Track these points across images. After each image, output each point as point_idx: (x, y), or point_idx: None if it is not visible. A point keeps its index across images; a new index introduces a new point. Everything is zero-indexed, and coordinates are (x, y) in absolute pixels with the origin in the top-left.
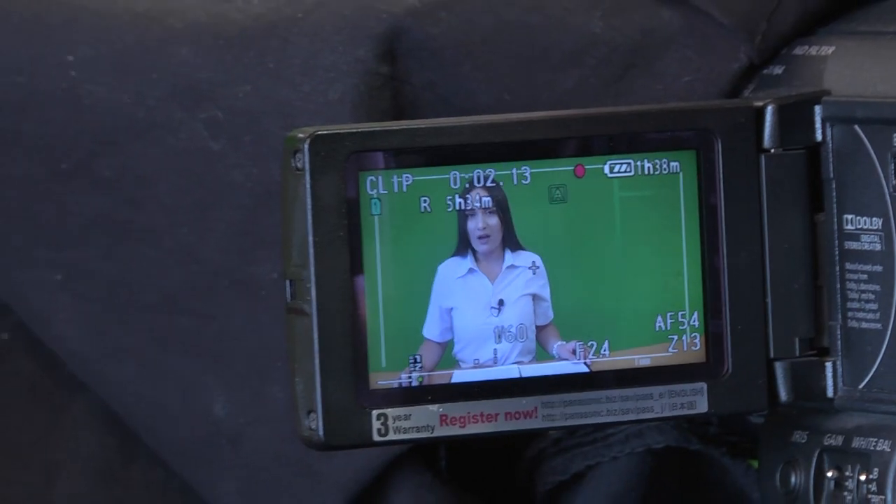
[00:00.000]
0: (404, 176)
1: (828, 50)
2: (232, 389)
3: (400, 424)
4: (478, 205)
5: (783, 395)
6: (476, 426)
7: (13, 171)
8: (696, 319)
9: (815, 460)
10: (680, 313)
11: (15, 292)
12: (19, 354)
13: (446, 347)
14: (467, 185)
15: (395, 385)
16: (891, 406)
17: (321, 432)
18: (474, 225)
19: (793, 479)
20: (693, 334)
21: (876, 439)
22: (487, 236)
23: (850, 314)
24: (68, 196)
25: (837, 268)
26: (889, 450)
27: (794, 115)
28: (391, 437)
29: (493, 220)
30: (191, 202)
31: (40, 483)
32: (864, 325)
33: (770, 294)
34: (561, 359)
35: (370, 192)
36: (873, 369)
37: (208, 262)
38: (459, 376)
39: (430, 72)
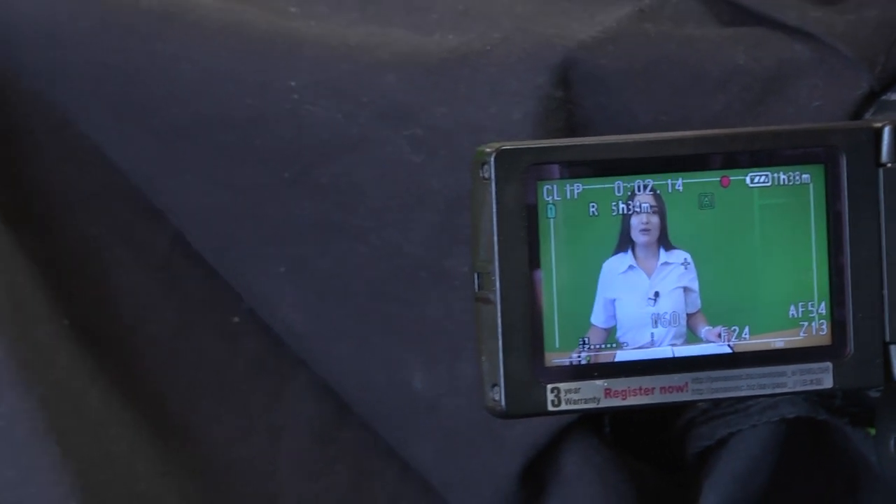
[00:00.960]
0: (576, 185)
1: None
2: (429, 366)
3: (570, 396)
4: (639, 209)
5: None
6: (635, 398)
7: (245, 179)
8: (823, 308)
9: None
10: (809, 303)
11: (245, 282)
12: (249, 335)
13: (610, 332)
14: (629, 193)
15: (567, 363)
16: None
17: (503, 403)
18: (637, 221)
19: None
20: (820, 321)
21: None
22: (648, 230)
23: None
24: (291, 201)
25: None
26: None
27: None
28: (563, 407)
29: (654, 221)
30: (395, 206)
31: (267, 444)
32: None
33: (886, 287)
34: (708, 341)
35: (546, 199)
36: None
37: (410, 256)
38: (621, 356)
39: (599, 96)
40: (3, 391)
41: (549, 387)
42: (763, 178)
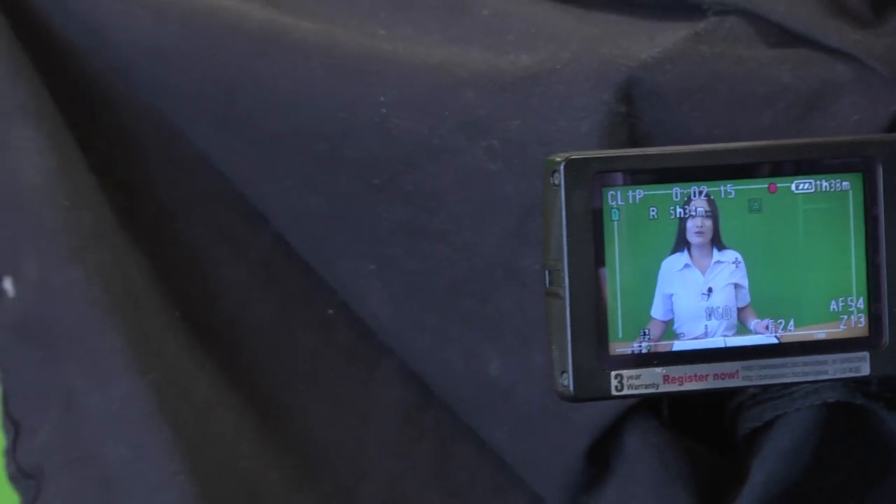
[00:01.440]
0: (637, 191)
1: None
2: (504, 355)
3: (632, 382)
4: (694, 213)
5: None
6: (691, 384)
7: (338, 186)
8: (861, 303)
9: None
10: (849, 298)
11: (338, 278)
12: (342, 326)
13: (668, 324)
14: (686, 199)
15: (629, 352)
16: None
17: (571, 388)
18: (693, 224)
19: None
20: (859, 314)
21: None
22: (702, 233)
23: None
24: (379, 205)
25: None
26: None
27: None
28: (625, 392)
29: (707, 224)
30: (473, 210)
31: (356, 425)
32: None
33: None
34: (756, 333)
35: (611, 203)
36: None
37: (487, 256)
38: (678, 346)
39: (658, 111)
40: (120, 376)
41: (613, 373)
42: (807, 185)
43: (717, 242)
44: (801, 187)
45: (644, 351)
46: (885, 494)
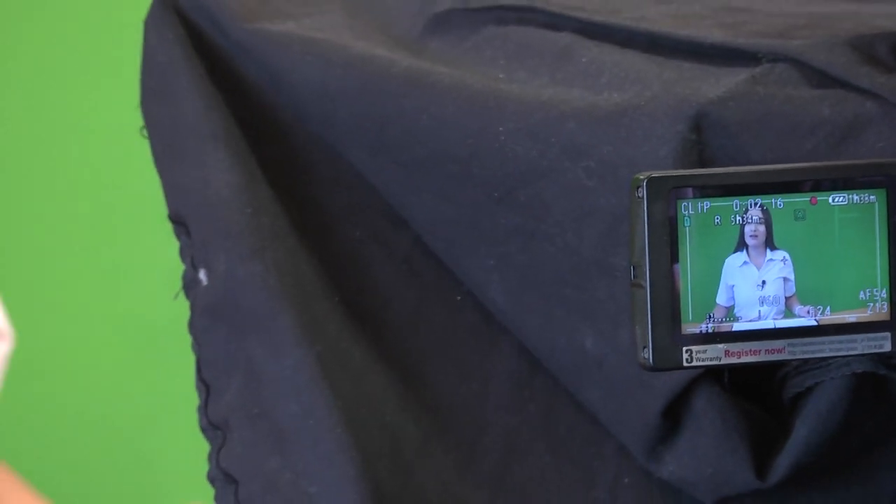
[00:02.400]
0: (705, 202)
1: None
2: (597, 333)
3: (699, 356)
4: (750, 220)
5: None
6: (747, 357)
7: (465, 198)
8: (884, 293)
9: None
10: (874, 289)
11: (465, 271)
12: (468, 309)
13: (729, 309)
14: (744, 209)
15: (697, 331)
16: None
17: (651, 360)
18: (749, 229)
19: None
20: (882, 302)
21: None
22: (756, 236)
23: None
24: (498, 213)
25: None
26: None
27: None
28: (694, 363)
29: (761, 229)
30: (574, 217)
31: (480, 389)
32: None
33: None
34: (800, 317)
35: (683, 213)
36: None
37: (584, 255)
38: (737, 327)
39: (722, 139)
40: (291, 348)
41: (684, 349)
42: (841, 198)
43: (769, 244)
44: (836, 200)
45: (709, 331)
46: None
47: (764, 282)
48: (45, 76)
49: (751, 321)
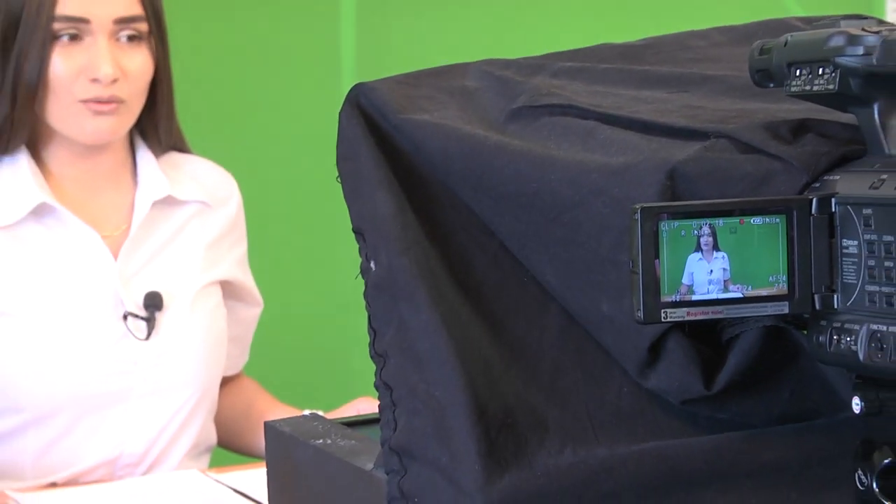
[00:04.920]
0: (675, 222)
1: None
2: (610, 300)
3: (672, 315)
4: (704, 234)
5: None
6: (700, 316)
7: (530, 218)
8: (784, 277)
9: None
10: (779, 275)
11: (530, 264)
12: (532, 286)
13: (690, 287)
14: (700, 226)
15: (670, 300)
16: None
17: (642, 317)
18: (703, 239)
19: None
20: (783, 283)
21: None
22: (707, 243)
23: None
24: (550, 229)
25: None
26: None
27: None
28: (669, 320)
29: (710, 239)
30: (596, 231)
31: (540, 333)
32: None
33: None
34: (733, 292)
35: (663, 229)
36: None
37: (603, 254)
38: (695, 297)
39: (686, 184)
40: (425, 309)
41: (662, 311)
42: (759, 220)
43: (715, 247)
44: (755, 221)
45: (678, 300)
46: (797, 367)
47: (711, 270)
48: (298, 156)
49: (703, 295)
